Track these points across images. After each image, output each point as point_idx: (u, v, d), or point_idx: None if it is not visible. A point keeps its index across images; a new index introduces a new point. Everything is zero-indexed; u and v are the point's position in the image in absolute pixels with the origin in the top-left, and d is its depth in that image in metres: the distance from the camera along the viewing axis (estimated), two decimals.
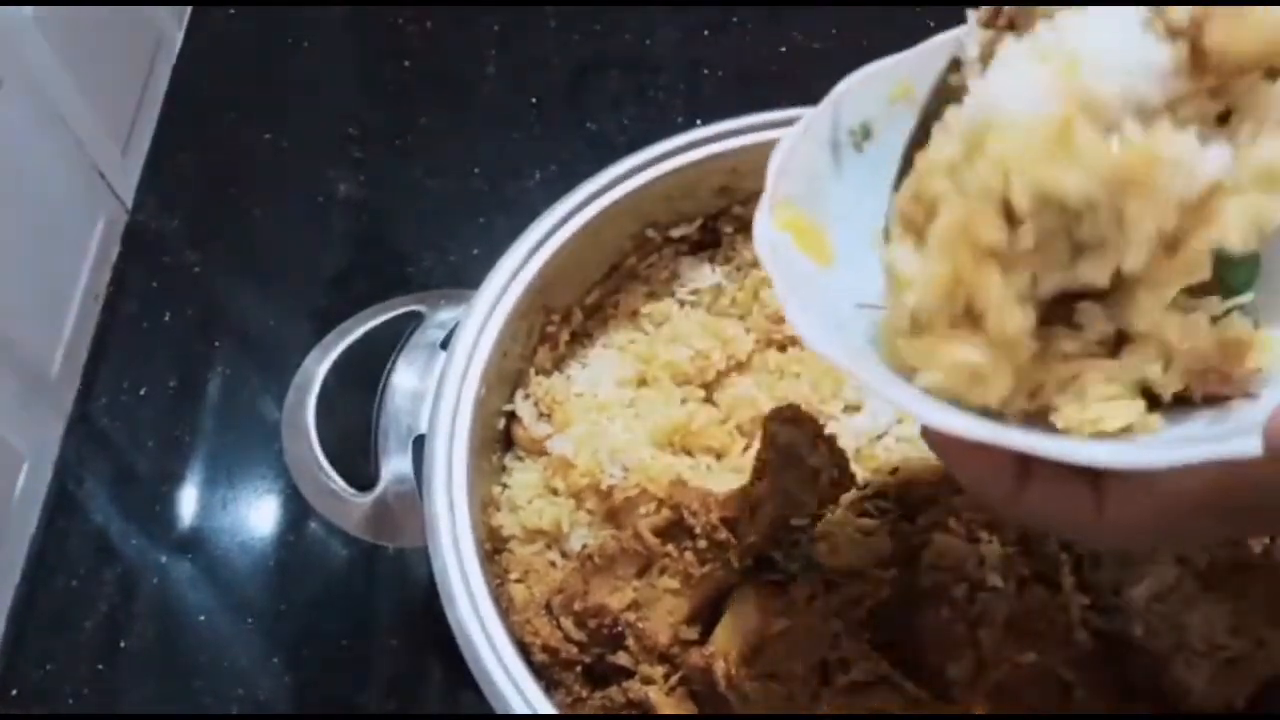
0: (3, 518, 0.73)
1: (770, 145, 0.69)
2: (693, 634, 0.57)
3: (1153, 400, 0.38)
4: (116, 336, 0.84)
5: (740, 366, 0.70)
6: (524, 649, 0.57)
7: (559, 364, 0.70)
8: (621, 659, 0.57)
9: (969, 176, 0.37)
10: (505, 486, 0.66)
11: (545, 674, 0.57)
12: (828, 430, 0.58)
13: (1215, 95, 0.37)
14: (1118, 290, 0.38)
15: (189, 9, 1.02)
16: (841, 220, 0.45)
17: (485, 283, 0.64)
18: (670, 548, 0.57)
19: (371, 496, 0.64)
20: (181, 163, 0.93)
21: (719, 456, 0.66)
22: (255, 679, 0.71)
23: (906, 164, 0.44)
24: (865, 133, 0.47)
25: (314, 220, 0.90)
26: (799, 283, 0.41)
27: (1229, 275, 0.39)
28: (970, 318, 0.38)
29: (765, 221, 0.43)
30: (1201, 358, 0.38)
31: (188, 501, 0.78)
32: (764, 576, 0.59)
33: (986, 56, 0.42)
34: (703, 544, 0.56)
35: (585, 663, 0.58)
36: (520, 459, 0.68)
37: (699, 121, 0.69)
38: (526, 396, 0.68)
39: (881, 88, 0.47)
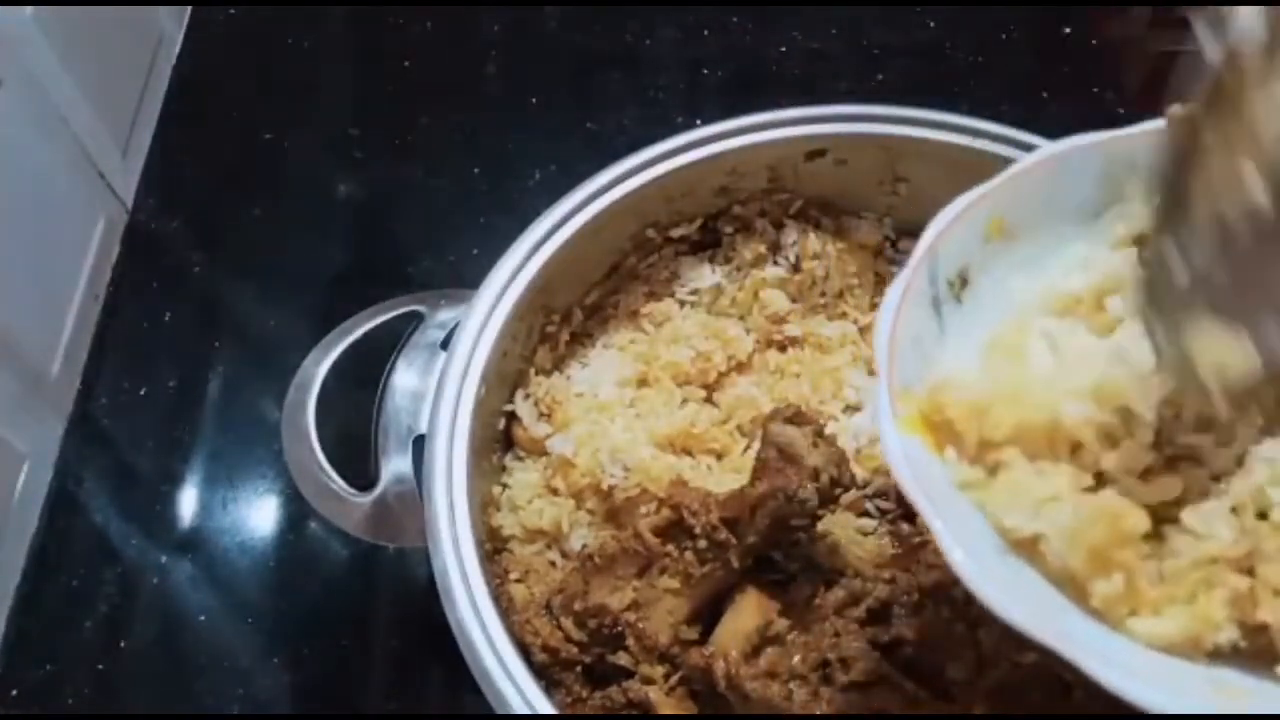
0: (3, 518, 0.73)
1: (770, 145, 0.70)
2: (693, 634, 0.57)
3: None
4: (116, 336, 0.84)
5: (740, 367, 0.70)
6: (524, 649, 0.57)
7: (559, 364, 0.70)
8: (621, 659, 0.57)
9: None
10: (505, 486, 0.66)
11: (545, 674, 0.57)
12: (827, 430, 0.58)
13: None
14: None
15: (189, 9, 1.02)
16: None
17: (485, 283, 0.64)
18: (670, 548, 0.57)
19: (371, 496, 0.64)
20: (181, 163, 0.93)
21: (719, 457, 0.66)
22: (255, 679, 0.71)
23: None
24: (963, 281, 0.44)
25: (314, 220, 0.90)
26: (945, 504, 0.38)
27: None
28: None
29: (890, 427, 0.39)
30: None
31: (188, 501, 0.77)
32: (764, 576, 0.59)
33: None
34: (703, 544, 0.56)
35: (585, 663, 0.58)
36: (520, 459, 0.68)
37: (699, 121, 0.69)
38: (526, 396, 0.68)
39: (974, 228, 0.44)
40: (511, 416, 0.68)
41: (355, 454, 0.66)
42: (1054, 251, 0.44)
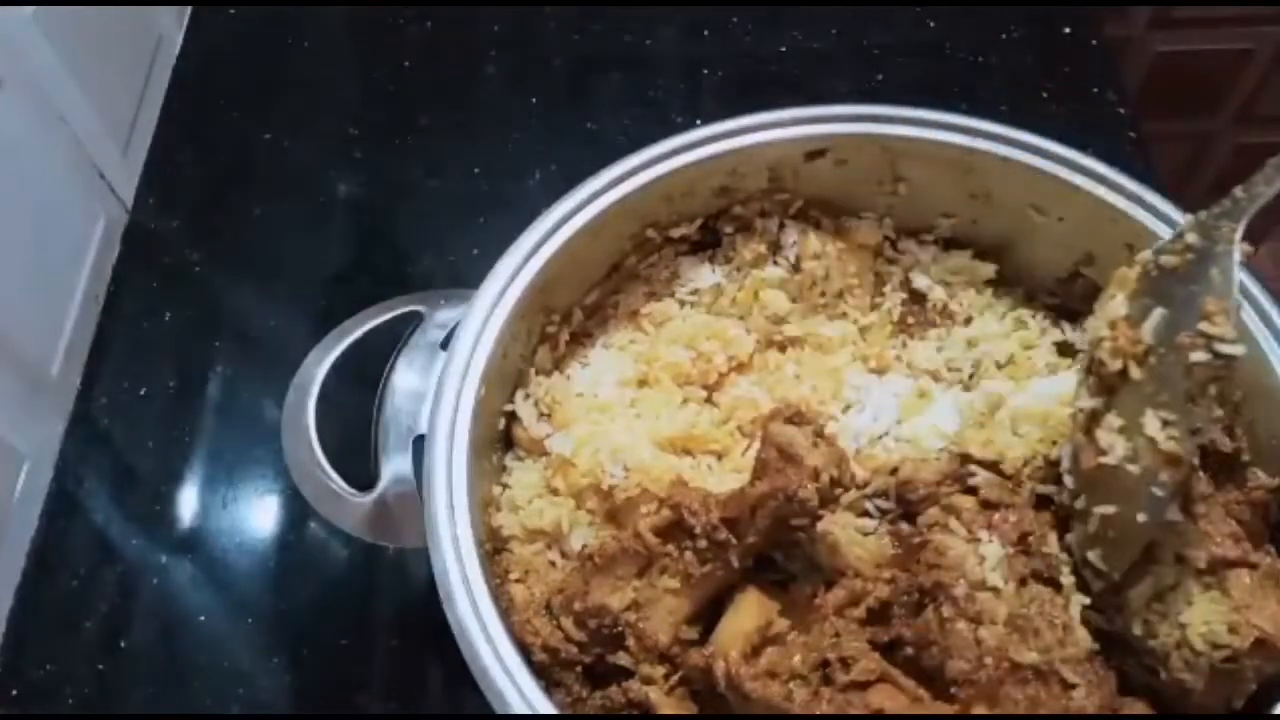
0: (3, 518, 0.73)
1: (770, 145, 0.70)
2: (693, 634, 0.57)
3: None
4: (116, 336, 0.84)
5: (741, 367, 0.70)
6: (524, 649, 0.57)
7: (559, 364, 0.70)
8: (621, 659, 0.57)
9: None
10: (505, 486, 0.66)
11: (545, 674, 0.57)
12: (828, 430, 0.58)
13: None
14: None
15: (189, 9, 1.02)
16: None
17: (485, 283, 0.64)
18: (670, 548, 0.57)
19: (371, 497, 0.64)
20: (181, 163, 0.93)
21: (720, 457, 0.66)
22: (255, 679, 0.71)
23: None
24: None
25: (314, 220, 0.91)
26: None
27: None
28: None
29: None
30: None
31: (188, 501, 0.78)
32: (764, 576, 0.59)
33: None
34: (703, 544, 0.56)
35: (585, 663, 0.58)
36: (520, 459, 0.68)
37: (699, 121, 0.69)
38: (527, 396, 0.68)
39: None
40: (511, 416, 0.68)
41: (355, 454, 0.66)
42: None
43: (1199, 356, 0.52)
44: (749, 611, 0.57)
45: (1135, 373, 0.54)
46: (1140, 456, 0.54)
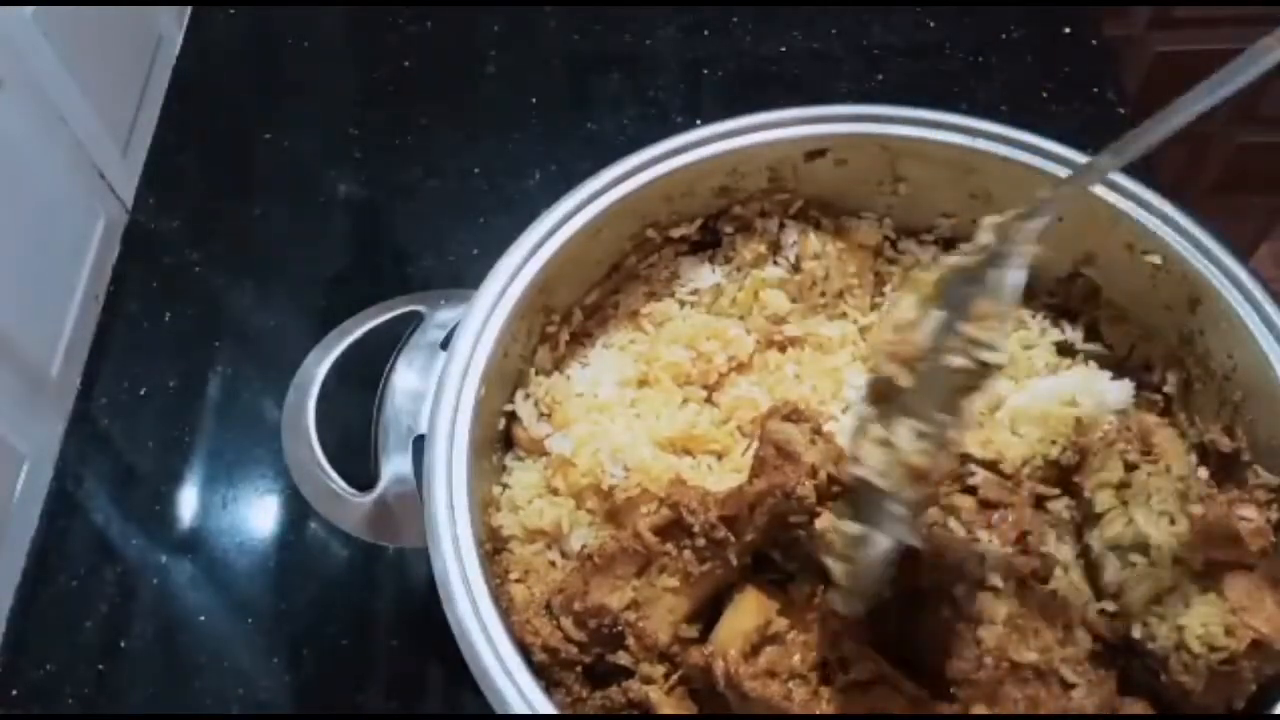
0: (3, 518, 0.73)
1: (770, 145, 0.70)
2: (693, 633, 0.57)
3: None
4: (116, 336, 0.84)
5: (741, 367, 0.70)
6: (524, 649, 0.57)
7: (559, 364, 0.70)
8: (621, 659, 0.57)
9: None
10: (505, 486, 0.66)
11: (545, 674, 0.57)
12: (826, 429, 0.58)
13: None
14: None
15: (189, 9, 1.02)
16: None
17: (485, 283, 0.64)
18: (669, 547, 0.57)
19: (371, 497, 0.64)
20: (181, 163, 0.93)
21: (720, 457, 0.66)
22: (255, 679, 0.71)
23: None
24: None
25: (314, 220, 0.90)
26: None
27: None
28: None
29: None
30: None
31: (188, 501, 0.78)
32: (763, 576, 0.59)
33: None
34: (701, 542, 0.56)
35: (585, 663, 0.58)
36: (520, 459, 0.68)
37: (699, 121, 0.69)
38: (527, 396, 0.68)
39: None
40: (511, 416, 0.68)
41: (355, 454, 0.66)
42: None
43: (958, 361, 0.48)
44: (748, 611, 0.57)
45: (904, 380, 0.51)
46: (891, 470, 0.51)
